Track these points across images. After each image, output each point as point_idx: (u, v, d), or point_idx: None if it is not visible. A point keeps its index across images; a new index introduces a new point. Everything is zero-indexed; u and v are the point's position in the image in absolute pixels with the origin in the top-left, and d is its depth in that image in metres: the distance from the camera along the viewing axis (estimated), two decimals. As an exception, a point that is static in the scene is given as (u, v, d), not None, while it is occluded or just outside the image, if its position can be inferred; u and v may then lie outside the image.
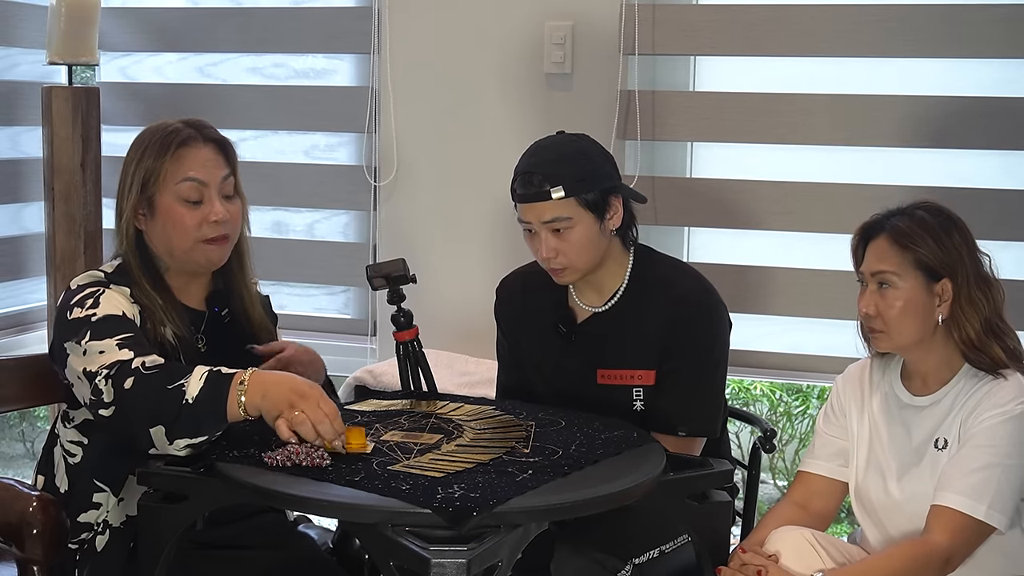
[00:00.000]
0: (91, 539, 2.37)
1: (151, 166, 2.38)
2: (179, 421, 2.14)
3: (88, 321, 2.27)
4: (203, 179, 2.38)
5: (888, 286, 2.30)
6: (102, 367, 2.21)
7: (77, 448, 2.38)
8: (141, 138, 2.43)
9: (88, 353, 2.24)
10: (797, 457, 4.77)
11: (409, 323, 2.61)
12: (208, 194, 2.38)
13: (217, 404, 2.15)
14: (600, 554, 2.39)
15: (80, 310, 2.30)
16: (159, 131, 2.41)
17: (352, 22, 3.74)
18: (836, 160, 3.36)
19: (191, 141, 2.40)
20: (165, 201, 2.38)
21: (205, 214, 2.38)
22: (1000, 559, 2.29)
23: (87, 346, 2.25)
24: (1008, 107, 3.20)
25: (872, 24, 3.26)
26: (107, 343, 2.24)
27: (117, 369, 2.19)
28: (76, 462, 2.38)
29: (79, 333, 2.26)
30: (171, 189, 2.37)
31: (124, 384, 2.17)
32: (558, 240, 2.51)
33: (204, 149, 2.41)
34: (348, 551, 2.58)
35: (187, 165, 2.38)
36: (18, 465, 5.45)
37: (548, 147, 2.56)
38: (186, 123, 2.43)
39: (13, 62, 3.85)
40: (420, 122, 3.68)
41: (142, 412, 2.15)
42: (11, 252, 3.83)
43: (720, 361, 2.61)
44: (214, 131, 2.46)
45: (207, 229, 2.38)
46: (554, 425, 2.37)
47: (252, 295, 2.56)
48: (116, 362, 2.20)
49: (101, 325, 2.27)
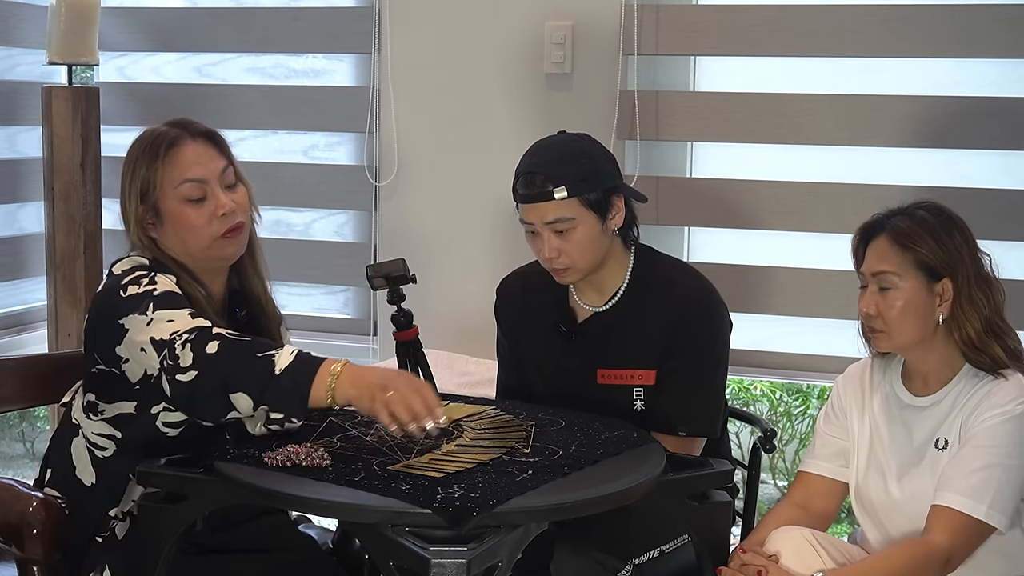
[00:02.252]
0: (113, 528, 2.37)
1: (145, 175, 2.36)
2: (266, 392, 2.12)
3: (150, 295, 2.25)
4: (202, 176, 2.37)
5: (889, 286, 2.30)
6: (177, 333, 2.18)
7: (108, 442, 2.35)
8: (131, 150, 2.41)
9: (155, 322, 2.21)
10: (797, 457, 4.77)
11: (409, 323, 2.61)
12: (210, 189, 2.37)
13: (303, 385, 2.12)
14: (600, 554, 2.39)
15: (137, 287, 2.27)
16: (146, 139, 2.40)
17: (352, 22, 3.74)
18: (837, 160, 3.36)
19: (179, 141, 2.38)
20: (169, 206, 2.36)
21: (212, 209, 2.36)
22: (1000, 559, 2.29)
23: (153, 315, 2.22)
24: (1009, 107, 3.19)
25: (873, 24, 3.26)
26: (176, 313, 2.22)
27: (198, 334, 2.17)
28: (107, 455, 2.36)
29: (140, 306, 2.24)
30: (172, 193, 2.36)
31: (207, 348, 2.15)
32: (560, 240, 2.50)
33: (194, 145, 2.39)
34: (348, 551, 2.58)
35: (182, 166, 2.36)
36: (18, 465, 5.45)
37: (550, 147, 2.55)
38: (170, 124, 2.41)
39: (13, 62, 3.85)
40: (420, 122, 3.68)
41: (227, 377, 2.13)
42: (11, 252, 3.83)
43: (721, 361, 2.61)
44: (200, 125, 2.43)
45: (218, 224, 2.37)
46: (554, 425, 2.36)
47: (266, 287, 2.54)
48: (196, 328, 2.19)
49: (165, 298, 2.25)
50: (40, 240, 3.74)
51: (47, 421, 4.90)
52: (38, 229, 3.77)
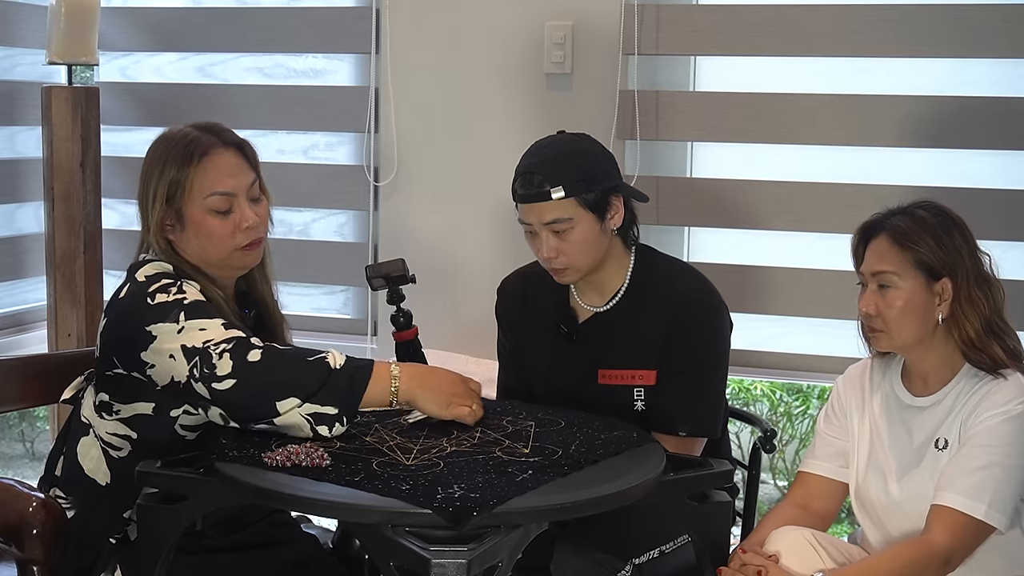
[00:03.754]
0: (127, 530, 2.37)
1: (175, 177, 2.34)
2: (323, 388, 2.16)
3: (180, 303, 2.26)
4: (231, 190, 2.36)
5: (888, 286, 2.30)
6: (212, 342, 2.20)
7: (123, 442, 2.34)
8: (159, 148, 2.39)
9: (186, 331, 2.22)
10: (797, 457, 4.77)
11: (409, 323, 2.61)
12: (237, 202, 2.36)
13: (360, 382, 2.19)
14: (600, 554, 2.39)
15: (165, 295, 2.27)
16: (179, 140, 2.37)
17: (352, 22, 3.74)
18: (837, 160, 3.36)
19: (213, 149, 2.36)
20: (194, 213, 2.35)
21: (236, 222, 2.36)
22: (1000, 559, 2.29)
23: (185, 324, 2.23)
24: (1009, 107, 3.19)
25: (872, 24, 3.25)
26: (209, 322, 2.23)
27: (236, 343, 2.20)
28: (123, 455, 2.35)
29: (170, 315, 2.24)
30: (200, 202, 2.34)
31: (248, 356, 2.18)
32: (559, 240, 2.50)
33: (227, 155, 2.38)
34: (348, 551, 2.58)
35: (213, 177, 2.35)
36: (18, 465, 5.45)
37: (548, 147, 2.55)
38: (203, 129, 2.39)
39: (13, 62, 3.84)
40: (420, 122, 3.67)
41: (275, 383, 2.17)
42: (10, 252, 3.83)
43: (721, 361, 2.61)
44: (232, 134, 2.43)
45: (241, 237, 2.37)
46: (554, 425, 2.36)
47: (272, 290, 2.54)
48: (234, 338, 2.21)
49: (195, 307, 2.26)
50: (40, 240, 3.73)
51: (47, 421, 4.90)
52: (38, 229, 3.77)
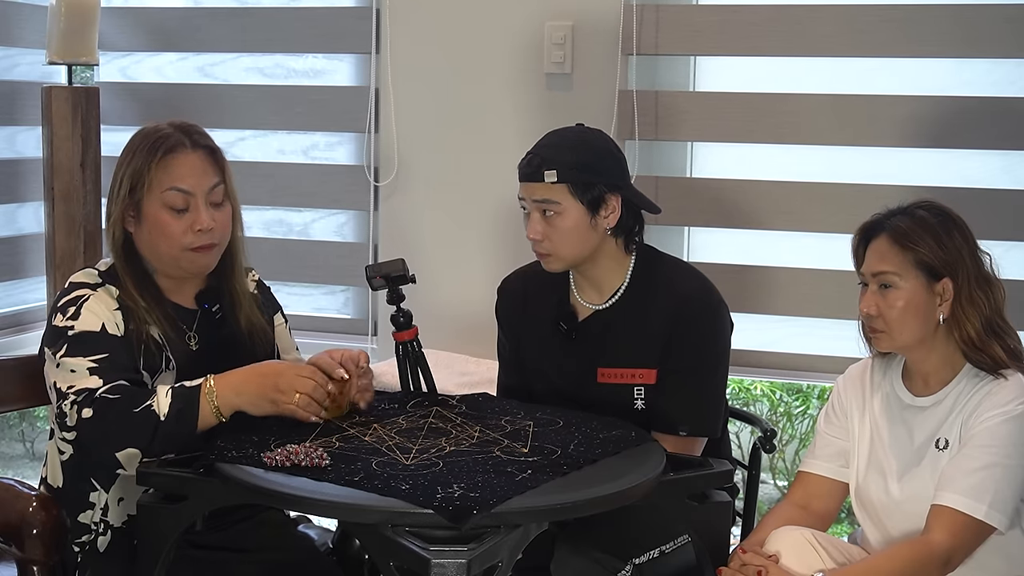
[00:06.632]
0: (92, 540, 2.37)
1: (138, 168, 2.36)
2: (155, 440, 2.18)
3: (65, 334, 2.29)
4: (189, 189, 2.36)
5: (889, 286, 2.30)
6: (71, 389, 2.24)
7: (67, 445, 2.36)
8: (132, 141, 2.41)
9: (61, 368, 2.27)
10: (797, 457, 4.77)
11: (409, 323, 2.61)
12: (194, 203, 2.36)
13: (190, 419, 2.21)
14: (600, 554, 2.39)
15: (62, 317, 2.31)
16: (149, 135, 2.39)
17: (352, 22, 3.74)
18: (837, 160, 3.36)
19: (179, 148, 2.37)
20: (151, 207, 2.36)
21: (191, 222, 2.36)
22: (1000, 559, 2.29)
23: (60, 361, 2.27)
24: (1010, 107, 3.19)
25: (873, 24, 3.25)
26: (79, 362, 2.26)
27: (84, 396, 2.23)
28: (66, 459, 2.37)
29: (56, 344, 2.29)
30: (157, 196, 2.35)
31: (83, 413, 2.21)
32: (546, 224, 2.53)
33: (192, 156, 2.38)
34: (348, 551, 2.58)
35: (174, 174, 2.36)
36: (18, 465, 5.44)
37: (559, 134, 2.60)
38: (176, 127, 2.40)
39: (13, 62, 3.84)
40: (420, 122, 3.67)
41: (109, 437, 2.20)
42: (10, 252, 3.83)
43: (721, 361, 2.61)
44: (204, 137, 2.42)
45: (193, 238, 2.36)
46: (552, 424, 2.36)
47: (244, 297, 2.51)
48: (84, 389, 2.24)
49: (76, 342, 2.28)
50: (40, 240, 3.73)
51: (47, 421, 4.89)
52: (38, 229, 3.77)
